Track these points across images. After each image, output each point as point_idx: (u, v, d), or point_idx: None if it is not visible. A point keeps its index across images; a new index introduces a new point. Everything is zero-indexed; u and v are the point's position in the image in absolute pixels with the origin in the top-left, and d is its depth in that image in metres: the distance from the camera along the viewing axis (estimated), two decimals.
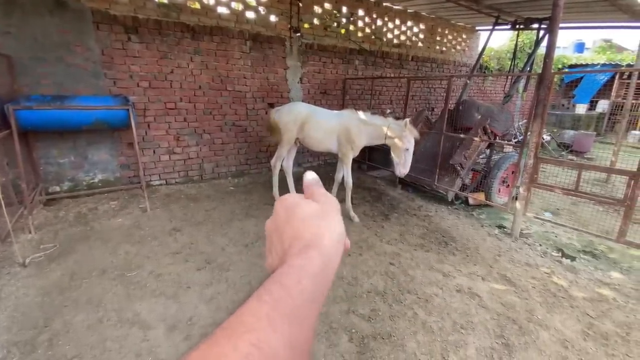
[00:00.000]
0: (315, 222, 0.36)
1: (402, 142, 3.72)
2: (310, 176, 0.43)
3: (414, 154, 3.88)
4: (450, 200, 4.83)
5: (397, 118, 6.44)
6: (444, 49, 8.34)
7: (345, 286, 2.76)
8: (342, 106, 6.53)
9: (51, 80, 4.13)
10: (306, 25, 5.92)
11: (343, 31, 6.42)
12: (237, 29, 5.22)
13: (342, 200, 4.30)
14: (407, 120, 3.77)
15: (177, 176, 5.30)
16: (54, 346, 2.06)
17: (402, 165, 3.81)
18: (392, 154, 3.91)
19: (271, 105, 5.86)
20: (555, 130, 10.14)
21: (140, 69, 4.62)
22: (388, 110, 7.42)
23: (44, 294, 2.54)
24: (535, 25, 5.75)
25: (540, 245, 3.69)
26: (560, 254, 3.50)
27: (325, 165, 6.86)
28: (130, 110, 3.88)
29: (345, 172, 4.06)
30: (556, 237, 3.94)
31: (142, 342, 2.11)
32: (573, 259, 3.42)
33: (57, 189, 4.45)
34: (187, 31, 4.83)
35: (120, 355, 2.00)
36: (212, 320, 2.32)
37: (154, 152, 5.01)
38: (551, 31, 3.60)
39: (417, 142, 5.35)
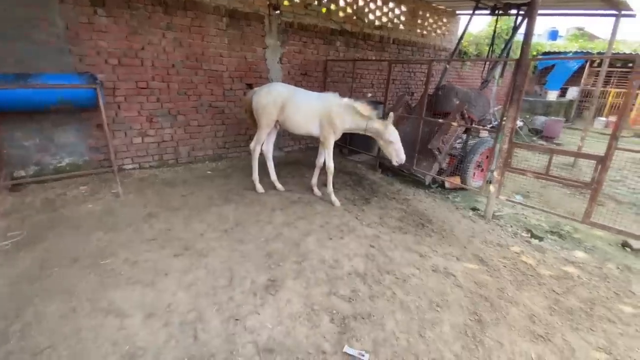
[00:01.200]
0: None
1: (386, 136, 3.72)
2: None
3: None
4: (427, 184, 4.94)
5: (379, 102, 6.45)
6: (424, 32, 8.31)
7: (326, 269, 2.79)
8: (323, 88, 6.43)
9: (13, 58, 3.77)
10: (286, 3, 5.70)
11: (324, 10, 6.24)
12: (212, 4, 4.94)
13: (323, 184, 4.30)
14: (391, 115, 3.75)
15: (151, 160, 5.09)
16: (27, 337, 1.98)
17: (396, 155, 3.82)
18: (381, 147, 3.94)
19: (250, 86, 5.69)
20: (528, 116, 10.51)
21: (108, 45, 4.31)
22: (369, 94, 7.40)
23: (13, 284, 2.41)
24: (514, 11, 5.82)
25: (511, 226, 3.87)
26: (529, 235, 3.68)
27: (307, 149, 6.80)
28: (98, 89, 3.65)
29: (326, 156, 4.03)
30: (526, 218, 4.14)
31: (118, 330, 2.06)
32: (541, 239, 3.61)
33: (23, 173, 4.16)
34: (159, 5, 4.52)
35: (95, 345, 1.95)
36: (192, 306, 2.29)
37: (125, 134, 4.76)
38: (529, 17, 3.64)
39: (396, 127, 5.40)
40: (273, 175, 4.47)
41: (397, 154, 3.80)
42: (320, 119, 3.90)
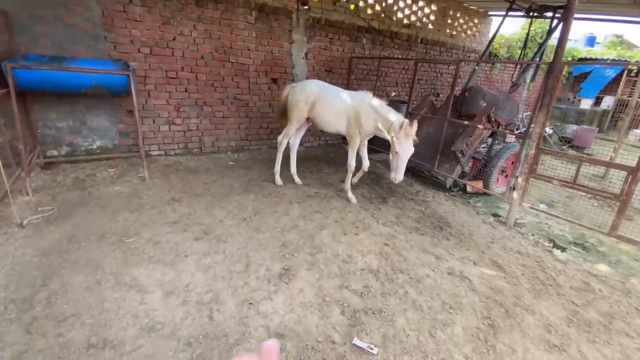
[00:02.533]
0: None
1: (394, 143, 3.44)
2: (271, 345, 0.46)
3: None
4: (448, 186, 4.86)
5: (403, 102, 6.39)
6: (454, 32, 8.13)
7: (339, 263, 2.81)
8: (347, 85, 6.43)
9: (49, 40, 4.00)
10: None
11: (352, 7, 6.22)
12: None
13: (341, 180, 4.32)
14: (406, 121, 3.37)
15: (177, 147, 5.26)
16: (52, 305, 2.11)
17: (395, 170, 3.54)
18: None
19: (274, 81, 5.76)
20: (559, 123, 10.10)
21: (141, 34, 4.48)
22: (393, 93, 7.33)
23: (42, 255, 2.56)
24: (549, 14, 5.61)
25: (533, 235, 3.75)
26: (551, 245, 3.56)
27: (326, 145, 6.83)
28: (131, 76, 3.80)
29: (349, 155, 4.00)
30: (549, 228, 4.00)
31: (139, 304, 2.16)
32: (564, 249, 3.49)
33: (55, 153, 4.41)
34: None
35: (118, 316, 2.05)
36: (208, 288, 2.37)
37: (153, 121, 4.94)
38: (565, 20, 3.51)
39: (420, 127, 5.32)
40: (293, 169, 4.52)
41: (397, 169, 3.52)
42: (348, 117, 3.86)
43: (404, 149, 3.42)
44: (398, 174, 3.53)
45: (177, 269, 2.54)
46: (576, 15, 4.08)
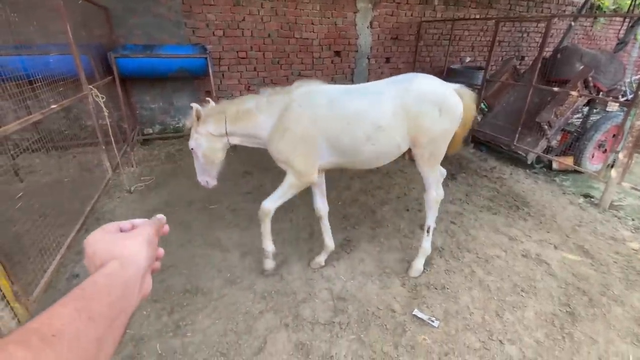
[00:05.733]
0: (119, 242, 0.48)
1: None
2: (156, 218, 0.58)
3: (490, 110, 3.36)
4: (530, 162, 4.38)
5: (479, 68, 5.80)
6: None
7: (401, 237, 2.82)
8: (414, 54, 6.06)
9: (141, 31, 4.54)
10: None
11: None
12: None
13: (410, 158, 4.18)
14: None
15: None
16: None
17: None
18: None
19: (337, 54, 5.69)
20: None
21: (215, 18, 4.79)
22: (468, 59, 6.69)
23: (147, 216, 2.98)
24: None
25: (633, 220, 3.24)
26: None
27: None
28: (208, 59, 4.14)
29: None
30: None
31: (221, 261, 2.50)
32: None
33: (150, 130, 5.10)
34: None
35: (205, 270, 2.42)
36: (279, 251, 2.59)
37: None
38: None
39: (498, 96, 4.83)
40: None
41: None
42: None
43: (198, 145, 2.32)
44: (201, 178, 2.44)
45: (251, 233, 2.83)
46: None
